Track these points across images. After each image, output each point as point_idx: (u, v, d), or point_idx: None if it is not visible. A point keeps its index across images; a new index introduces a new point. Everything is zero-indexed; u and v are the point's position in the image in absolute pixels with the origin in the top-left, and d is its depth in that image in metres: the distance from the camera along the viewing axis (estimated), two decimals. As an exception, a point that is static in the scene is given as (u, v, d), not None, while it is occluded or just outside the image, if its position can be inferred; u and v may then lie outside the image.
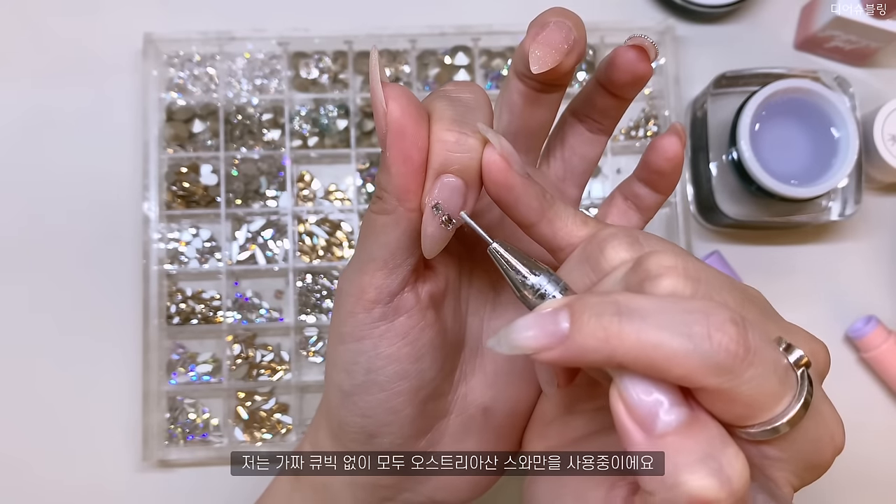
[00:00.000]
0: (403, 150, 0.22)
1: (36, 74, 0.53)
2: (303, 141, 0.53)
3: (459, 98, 0.23)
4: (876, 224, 0.54)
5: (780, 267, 0.53)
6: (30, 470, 0.50)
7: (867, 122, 0.51)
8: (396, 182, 0.22)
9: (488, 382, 0.28)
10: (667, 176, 0.28)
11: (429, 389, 0.27)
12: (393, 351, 0.25)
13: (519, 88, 0.27)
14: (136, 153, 0.52)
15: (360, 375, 0.26)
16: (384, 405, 0.26)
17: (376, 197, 0.24)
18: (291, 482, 0.32)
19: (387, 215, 0.23)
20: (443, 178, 0.22)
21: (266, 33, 0.52)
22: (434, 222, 0.23)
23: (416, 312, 0.25)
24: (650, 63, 0.26)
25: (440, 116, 0.22)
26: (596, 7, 0.54)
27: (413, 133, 0.22)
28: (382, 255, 0.24)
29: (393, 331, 0.25)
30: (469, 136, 0.22)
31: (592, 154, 0.30)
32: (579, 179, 0.30)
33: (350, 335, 0.26)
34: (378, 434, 0.27)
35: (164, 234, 0.51)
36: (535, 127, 0.28)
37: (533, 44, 0.25)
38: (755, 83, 0.49)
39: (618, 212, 0.30)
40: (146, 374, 0.49)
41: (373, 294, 0.25)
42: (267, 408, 0.51)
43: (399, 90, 0.22)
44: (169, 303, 0.51)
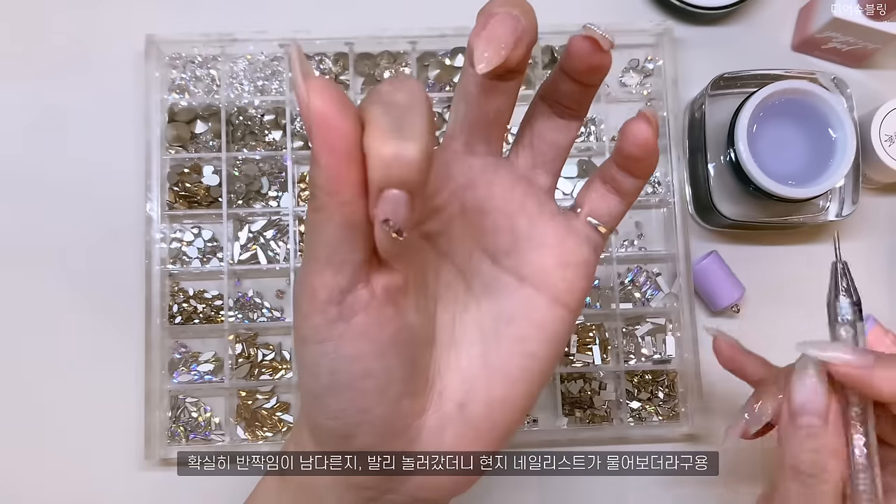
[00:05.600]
0: (329, 142, 0.21)
1: (38, 75, 0.54)
2: (304, 142, 0.53)
3: (394, 101, 0.22)
4: (873, 224, 0.54)
5: (777, 267, 0.54)
6: (32, 469, 0.50)
7: (864, 123, 0.51)
8: (325, 174, 0.22)
9: (462, 378, 0.28)
10: (641, 161, 0.28)
11: (399, 387, 0.26)
12: (353, 351, 0.25)
13: (474, 78, 0.26)
14: (138, 154, 0.52)
15: (325, 377, 0.25)
16: (353, 405, 0.25)
17: (311, 195, 0.23)
18: (278, 482, 0.32)
19: (321, 212, 0.23)
20: (386, 193, 0.21)
21: (267, 35, 0.53)
22: (387, 237, 0.22)
23: (372, 309, 0.24)
24: (606, 53, 0.26)
25: (375, 126, 0.21)
26: (593, 9, 0.55)
27: (338, 124, 0.21)
28: (325, 253, 0.23)
29: (351, 330, 0.24)
30: (406, 149, 0.21)
31: (563, 140, 0.29)
32: (550, 167, 0.29)
33: (310, 338, 0.25)
34: (352, 434, 0.26)
35: (167, 234, 0.52)
36: (493, 115, 0.27)
37: (477, 40, 0.24)
38: (753, 84, 0.50)
39: (597, 196, 0.29)
40: (148, 374, 0.49)
41: (324, 294, 0.24)
42: (268, 406, 0.51)
43: (322, 83, 0.21)
44: (171, 302, 0.51)
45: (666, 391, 0.52)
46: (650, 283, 0.53)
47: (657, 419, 0.51)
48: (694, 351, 0.50)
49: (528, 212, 0.28)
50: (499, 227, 0.28)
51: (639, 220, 0.54)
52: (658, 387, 0.52)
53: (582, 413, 0.51)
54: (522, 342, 0.28)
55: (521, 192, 0.28)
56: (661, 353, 0.52)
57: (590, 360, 0.52)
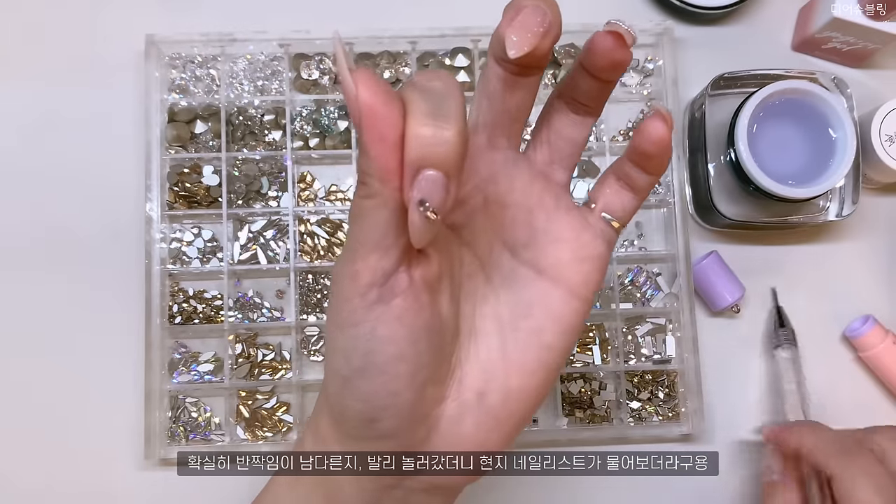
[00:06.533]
0: (378, 131, 0.22)
1: (38, 76, 0.54)
2: (304, 142, 0.53)
3: (431, 88, 0.23)
4: (873, 224, 0.54)
5: (777, 267, 0.54)
6: (32, 468, 0.50)
7: (864, 123, 0.51)
8: (377, 164, 0.23)
9: (482, 368, 0.28)
10: (655, 158, 0.29)
11: (426, 373, 0.27)
12: (390, 333, 0.25)
13: (497, 73, 0.27)
14: (138, 154, 0.52)
15: (359, 359, 0.26)
16: (384, 388, 0.26)
17: (361, 183, 0.24)
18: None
19: (373, 198, 0.23)
20: (423, 173, 0.22)
21: (267, 35, 0.53)
22: (420, 216, 0.23)
23: (410, 294, 0.25)
24: (628, 48, 0.27)
25: (414, 110, 0.22)
26: (594, 8, 0.55)
27: (385, 113, 0.22)
28: (374, 237, 0.24)
29: (389, 313, 0.25)
30: (445, 129, 0.22)
31: (579, 136, 0.30)
32: (567, 162, 0.30)
33: (347, 321, 0.26)
34: (378, 418, 0.27)
35: (167, 235, 0.52)
36: (515, 111, 0.28)
37: (509, 28, 0.25)
38: (753, 84, 0.50)
39: (612, 192, 0.30)
40: (148, 374, 0.49)
41: (368, 276, 0.25)
42: (268, 406, 0.51)
43: (367, 74, 0.22)
44: (171, 302, 0.51)
45: (666, 391, 0.52)
46: (650, 283, 0.53)
47: (657, 419, 0.51)
48: (694, 351, 0.50)
49: (546, 206, 0.29)
50: (518, 220, 0.29)
51: (639, 220, 0.54)
52: (658, 387, 0.52)
53: (582, 413, 0.51)
54: (539, 333, 0.28)
55: (539, 187, 0.29)
56: (661, 353, 0.52)
57: (590, 360, 0.52)
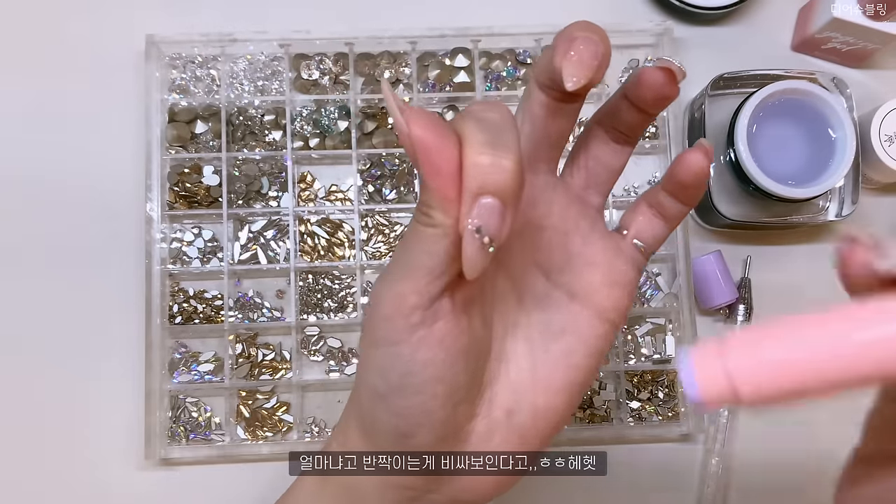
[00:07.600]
0: (434, 165, 0.23)
1: (38, 75, 0.54)
2: (304, 142, 0.53)
3: (487, 119, 0.24)
4: (873, 224, 0.54)
5: (777, 267, 0.54)
6: (32, 468, 0.50)
7: (864, 123, 0.51)
8: (437, 196, 0.23)
9: (512, 388, 0.29)
10: (691, 189, 0.29)
11: (462, 394, 0.27)
12: (430, 356, 0.26)
13: (541, 100, 0.28)
14: (138, 154, 0.52)
15: (396, 378, 0.26)
16: (420, 407, 0.27)
17: (421, 213, 0.24)
18: (318, 482, 0.32)
19: (435, 228, 0.24)
20: (481, 200, 0.23)
21: (267, 35, 0.53)
22: (475, 244, 0.23)
23: (452, 318, 0.26)
24: (677, 84, 0.27)
25: (472, 140, 0.23)
26: (594, 9, 0.55)
27: (438, 146, 0.23)
28: (428, 264, 0.25)
29: (431, 336, 0.26)
30: (503, 158, 0.22)
31: (616, 164, 0.30)
32: (602, 188, 0.31)
33: (385, 339, 0.26)
34: (412, 434, 0.27)
35: (167, 234, 0.52)
36: (556, 136, 0.29)
37: (565, 61, 0.25)
38: (752, 84, 0.50)
39: (644, 219, 0.31)
40: (149, 373, 0.49)
41: (414, 300, 0.25)
42: (269, 406, 0.51)
43: (417, 111, 0.23)
44: (171, 302, 0.51)
45: (666, 391, 0.52)
46: (650, 283, 0.53)
47: (657, 419, 0.51)
48: (694, 351, 0.50)
49: (582, 230, 0.30)
50: (554, 244, 0.29)
51: (639, 220, 0.54)
52: (658, 387, 0.52)
53: (582, 413, 0.51)
54: (569, 356, 0.29)
55: (575, 212, 0.30)
56: (660, 353, 0.52)
57: (590, 360, 0.52)
